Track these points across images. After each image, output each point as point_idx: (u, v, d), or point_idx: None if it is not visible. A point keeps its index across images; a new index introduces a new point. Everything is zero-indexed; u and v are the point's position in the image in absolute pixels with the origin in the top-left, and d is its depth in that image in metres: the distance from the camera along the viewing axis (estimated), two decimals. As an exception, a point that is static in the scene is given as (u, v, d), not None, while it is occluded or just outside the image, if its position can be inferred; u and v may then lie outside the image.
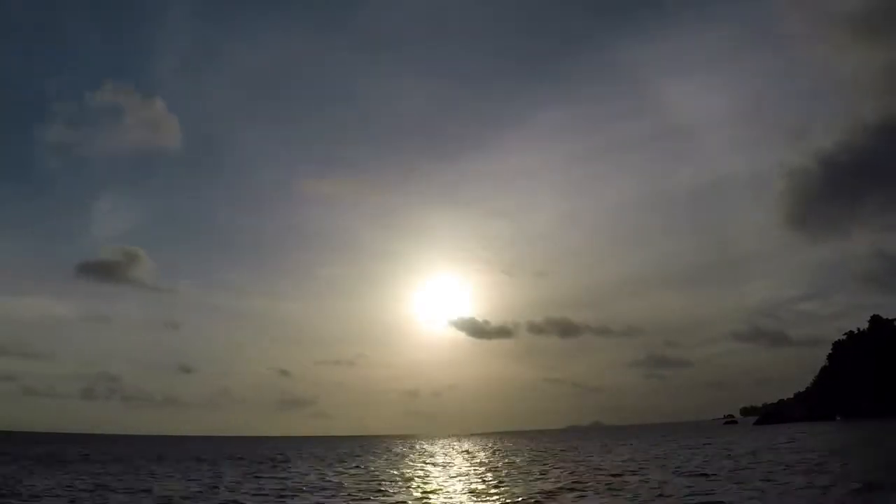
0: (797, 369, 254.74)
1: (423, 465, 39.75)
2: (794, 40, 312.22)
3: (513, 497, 20.34)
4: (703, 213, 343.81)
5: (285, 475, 31.80)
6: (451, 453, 56.60)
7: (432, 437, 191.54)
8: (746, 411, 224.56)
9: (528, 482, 25.01)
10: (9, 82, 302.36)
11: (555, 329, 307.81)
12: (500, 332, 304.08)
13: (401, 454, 56.96)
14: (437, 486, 25.23)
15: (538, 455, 46.07)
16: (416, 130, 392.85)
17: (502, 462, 39.54)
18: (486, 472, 31.60)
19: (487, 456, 48.62)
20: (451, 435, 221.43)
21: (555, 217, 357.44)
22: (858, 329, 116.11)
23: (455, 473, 31.52)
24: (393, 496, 21.90)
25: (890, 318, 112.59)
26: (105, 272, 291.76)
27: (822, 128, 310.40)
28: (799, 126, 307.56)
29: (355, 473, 32.38)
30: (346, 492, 23.38)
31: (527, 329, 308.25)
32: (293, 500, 21.58)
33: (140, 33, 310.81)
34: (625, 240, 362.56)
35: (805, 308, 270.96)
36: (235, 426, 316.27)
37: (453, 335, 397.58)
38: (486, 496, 21.26)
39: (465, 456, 50.37)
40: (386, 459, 47.26)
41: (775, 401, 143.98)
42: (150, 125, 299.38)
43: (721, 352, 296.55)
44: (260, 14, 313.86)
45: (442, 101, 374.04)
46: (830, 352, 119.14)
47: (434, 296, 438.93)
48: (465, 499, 21.00)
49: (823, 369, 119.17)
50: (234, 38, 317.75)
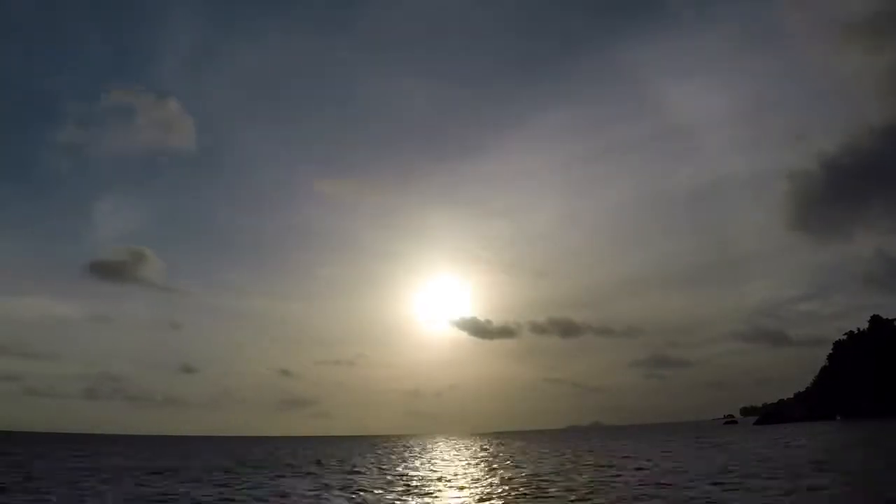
0: (797, 369, 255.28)
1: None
2: (796, 41, 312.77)
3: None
4: (703, 214, 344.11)
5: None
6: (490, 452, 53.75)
7: (432, 436, 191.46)
8: (746, 411, 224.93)
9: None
10: (13, 83, 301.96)
11: (557, 329, 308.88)
12: (503, 331, 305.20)
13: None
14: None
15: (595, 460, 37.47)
16: (417, 131, 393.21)
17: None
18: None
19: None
20: (450, 435, 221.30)
21: (555, 217, 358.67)
22: (859, 329, 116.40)
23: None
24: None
25: (890, 318, 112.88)
26: (110, 272, 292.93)
27: (823, 130, 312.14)
28: (800, 127, 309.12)
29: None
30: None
31: (529, 329, 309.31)
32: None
33: (141, 34, 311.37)
34: (625, 240, 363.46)
35: (805, 308, 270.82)
36: (236, 426, 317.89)
37: (455, 335, 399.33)
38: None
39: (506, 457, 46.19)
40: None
41: (775, 401, 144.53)
42: (162, 126, 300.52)
43: (721, 352, 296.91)
44: (261, 15, 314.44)
45: (442, 102, 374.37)
46: (830, 352, 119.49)
47: (434, 296, 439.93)
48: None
49: (823, 369, 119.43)
50: (235, 38, 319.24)
